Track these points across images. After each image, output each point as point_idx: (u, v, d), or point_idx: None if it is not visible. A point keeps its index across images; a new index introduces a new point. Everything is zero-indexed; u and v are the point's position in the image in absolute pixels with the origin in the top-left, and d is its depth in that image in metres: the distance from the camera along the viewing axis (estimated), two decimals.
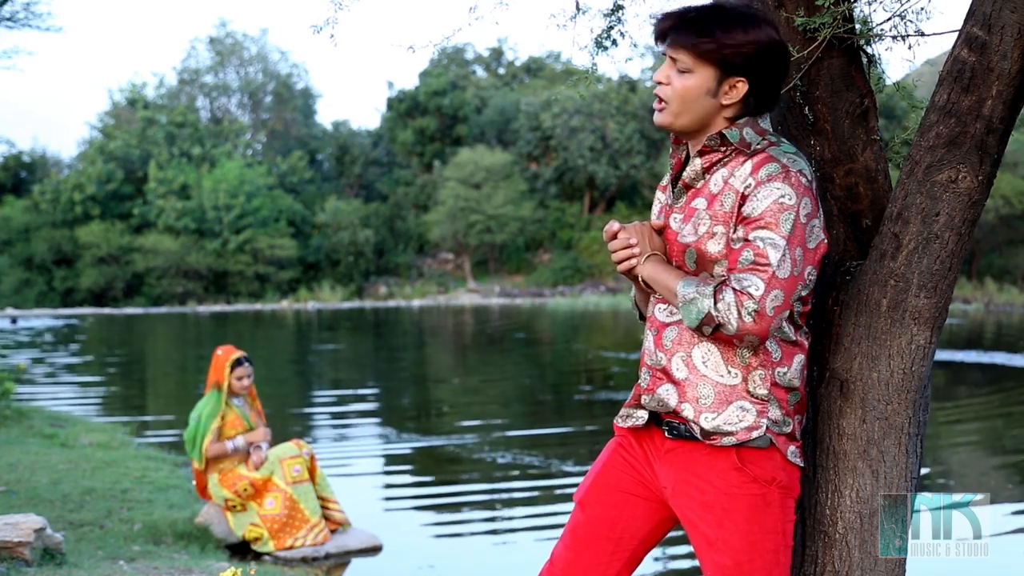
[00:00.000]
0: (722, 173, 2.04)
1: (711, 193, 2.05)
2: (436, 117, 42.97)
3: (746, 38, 1.97)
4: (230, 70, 47.60)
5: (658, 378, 2.08)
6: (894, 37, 2.40)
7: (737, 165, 2.02)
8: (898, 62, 7.62)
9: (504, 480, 7.68)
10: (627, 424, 2.15)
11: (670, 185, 2.17)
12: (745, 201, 1.97)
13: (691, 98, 2.01)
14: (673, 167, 2.15)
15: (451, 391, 13.85)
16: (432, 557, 5.63)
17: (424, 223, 40.56)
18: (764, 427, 2.02)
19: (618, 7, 2.63)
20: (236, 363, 5.74)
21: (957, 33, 2.12)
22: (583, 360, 17.45)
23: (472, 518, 6.69)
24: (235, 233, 37.92)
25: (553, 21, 2.64)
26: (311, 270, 40.11)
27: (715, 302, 1.94)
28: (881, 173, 2.38)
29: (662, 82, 2.03)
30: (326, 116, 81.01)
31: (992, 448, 9.11)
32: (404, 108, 43.23)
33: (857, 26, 2.36)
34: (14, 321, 29.32)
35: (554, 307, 32.15)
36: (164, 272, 37.24)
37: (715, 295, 1.94)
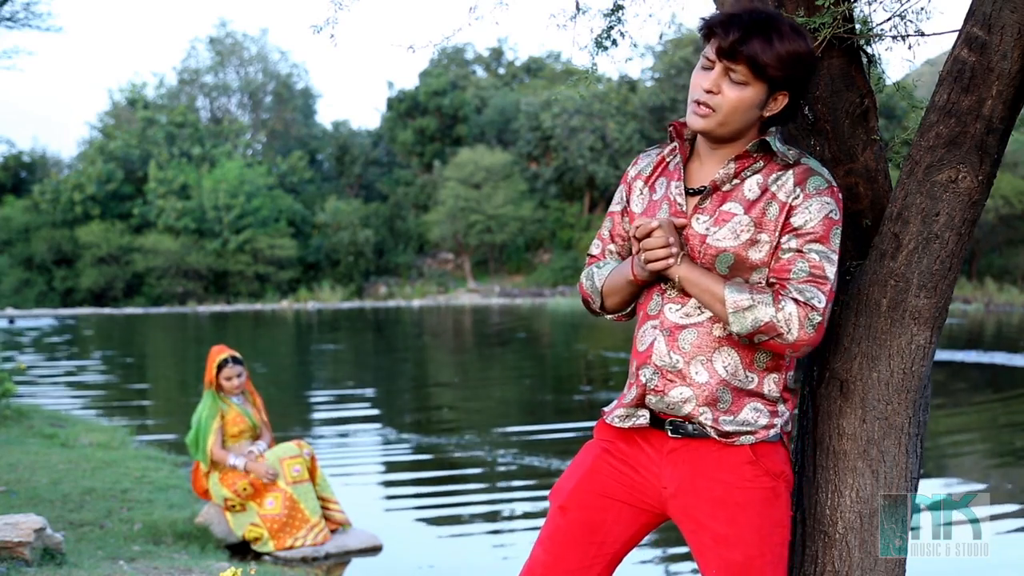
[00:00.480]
0: (756, 179, 2.04)
1: (747, 200, 2.03)
2: (436, 117, 42.99)
3: (798, 57, 1.98)
4: (230, 70, 47.63)
5: (670, 380, 2.06)
6: (894, 37, 2.39)
7: (772, 173, 2.03)
8: (898, 62, 7.63)
9: (504, 480, 7.68)
10: (628, 424, 2.11)
11: (682, 184, 2.10)
12: (792, 212, 2.00)
13: (742, 109, 2.00)
14: (672, 166, 2.14)
15: (451, 391, 13.84)
16: (432, 557, 5.62)
17: (424, 223, 40.59)
18: (778, 426, 2.07)
19: (618, 7, 2.63)
20: (223, 363, 5.76)
21: (957, 33, 2.12)
22: (583, 360, 17.45)
23: (472, 518, 6.68)
24: (235, 233, 37.95)
25: (553, 21, 2.63)
26: (311, 270, 40.13)
27: (775, 311, 1.95)
28: (881, 173, 2.38)
29: (712, 91, 2.00)
30: (326, 116, 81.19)
31: (992, 448, 9.11)
32: (404, 108, 43.26)
33: (857, 26, 2.36)
34: (12, 321, 29.31)
35: (554, 307, 32.15)
36: (164, 272, 37.26)
37: (775, 304, 1.95)
